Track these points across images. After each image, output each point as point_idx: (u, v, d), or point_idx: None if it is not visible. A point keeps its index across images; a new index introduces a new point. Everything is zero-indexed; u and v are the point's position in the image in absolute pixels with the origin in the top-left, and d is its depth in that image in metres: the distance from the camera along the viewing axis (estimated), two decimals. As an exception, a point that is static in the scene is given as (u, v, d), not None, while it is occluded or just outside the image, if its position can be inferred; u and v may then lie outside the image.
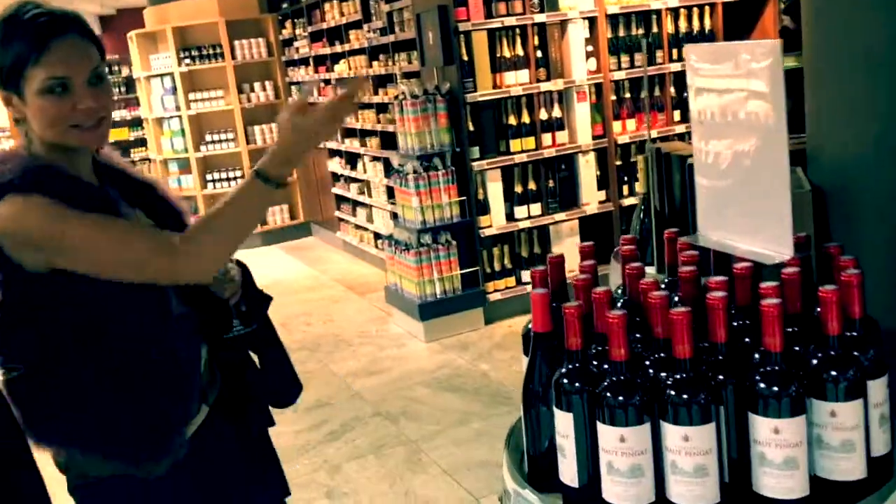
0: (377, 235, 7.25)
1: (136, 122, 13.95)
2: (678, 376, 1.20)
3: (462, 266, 5.31)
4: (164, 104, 8.72)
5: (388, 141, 6.61)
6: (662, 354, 1.26)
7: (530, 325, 1.46)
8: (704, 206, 1.61)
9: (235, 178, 8.73)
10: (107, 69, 1.72)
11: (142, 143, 13.44)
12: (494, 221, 5.39)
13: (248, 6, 8.81)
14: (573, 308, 1.26)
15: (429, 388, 4.58)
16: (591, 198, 5.61)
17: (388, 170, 6.46)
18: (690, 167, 2.25)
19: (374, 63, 6.77)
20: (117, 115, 15.41)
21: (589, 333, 1.31)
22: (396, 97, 5.49)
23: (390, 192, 6.55)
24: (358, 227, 7.75)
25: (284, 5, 8.72)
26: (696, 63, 1.57)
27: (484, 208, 5.37)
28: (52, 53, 1.54)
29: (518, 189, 5.44)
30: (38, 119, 1.58)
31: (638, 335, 1.34)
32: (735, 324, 1.32)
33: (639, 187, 5.53)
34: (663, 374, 1.23)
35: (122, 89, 15.32)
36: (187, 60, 8.51)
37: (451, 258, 5.28)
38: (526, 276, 5.52)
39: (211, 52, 8.53)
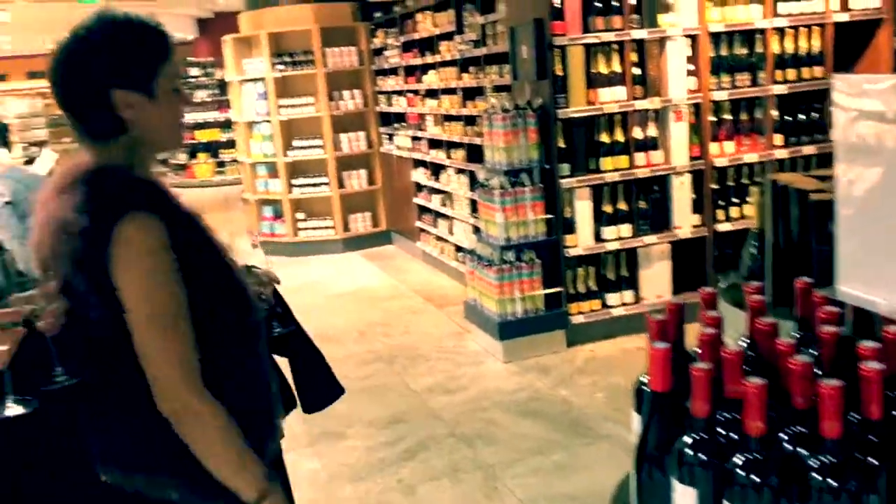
0: (458, 248, 7.18)
1: (227, 124, 14.32)
2: (825, 458, 1.05)
3: (545, 286, 5.16)
4: (255, 108, 8.84)
5: (474, 154, 6.52)
6: (803, 429, 1.11)
7: (644, 381, 1.33)
8: (847, 253, 1.45)
9: (320, 185, 8.80)
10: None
11: (231, 144, 13.79)
12: (581, 241, 5.22)
13: (341, 14, 8.87)
14: (703, 371, 1.12)
15: (506, 411, 4.44)
16: (684, 221, 5.39)
17: (473, 183, 6.37)
18: (813, 204, 2.08)
19: (465, 75, 6.69)
20: (210, 115, 15.89)
21: (716, 396, 1.18)
22: (486, 110, 5.40)
23: (473, 206, 6.47)
24: (439, 238, 7.69)
25: (377, 14, 8.74)
26: (845, 88, 1.41)
27: (570, 227, 5.21)
28: (174, 55, 1.60)
29: (607, 209, 5.27)
30: (164, 119, 1.60)
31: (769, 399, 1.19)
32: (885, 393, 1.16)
33: (753, 219, 5.29)
34: (804, 452, 1.09)
35: (216, 91, 15.78)
36: (280, 66, 8.62)
37: (534, 277, 5.15)
38: (612, 299, 5.33)
39: (303, 58, 8.61)
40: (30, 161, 8.92)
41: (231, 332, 1.60)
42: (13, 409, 1.39)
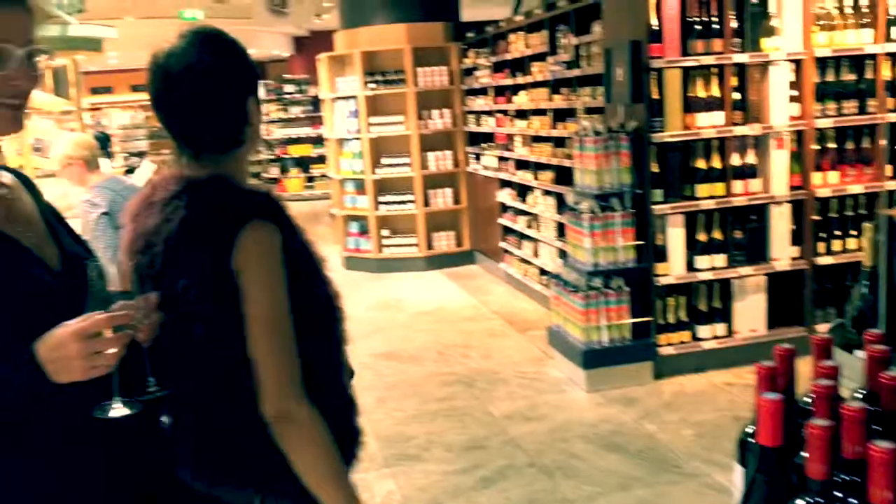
0: (542, 271, 7.07)
1: (319, 140, 14.61)
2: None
3: (633, 315, 5.01)
4: (346, 126, 8.96)
5: (563, 176, 6.43)
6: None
7: (750, 432, 1.22)
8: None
9: (406, 202, 8.84)
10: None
11: (321, 159, 14.06)
12: (672, 270, 5.05)
13: (434, 35, 8.91)
14: (822, 429, 1.02)
15: (589, 443, 4.31)
16: (783, 253, 5.15)
17: (561, 205, 6.26)
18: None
19: (556, 96, 6.61)
20: (302, 131, 16.22)
21: (834, 456, 1.06)
22: (577, 132, 5.30)
23: (560, 229, 6.37)
24: (523, 260, 7.60)
25: (469, 35, 8.76)
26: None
27: (662, 255, 5.05)
28: None
29: (701, 237, 5.08)
30: (260, 125, 1.69)
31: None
32: None
33: (857, 253, 5.05)
34: (938, 528, 0.96)
35: (309, 108, 16.13)
36: (372, 85, 8.71)
37: (621, 305, 5.00)
38: (703, 331, 5.13)
39: (395, 77, 8.69)
40: (130, 171, 9.28)
41: (326, 340, 1.64)
42: (119, 410, 1.41)
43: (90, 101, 18.18)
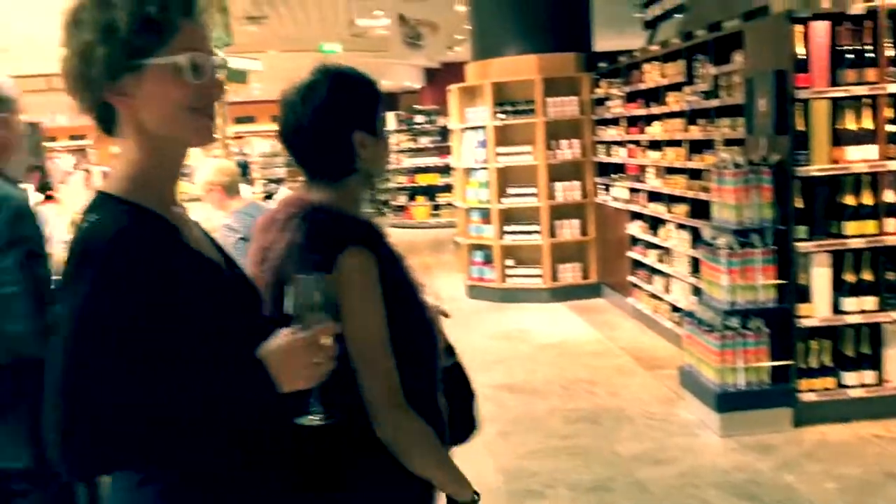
0: (674, 308, 6.82)
1: (446, 170, 14.80)
2: None
3: (772, 357, 4.73)
4: (474, 156, 9.01)
5: (698, 209, 6.20)
6: None
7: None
8: None
9: (532, 233, 8.77)
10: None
11: (447, 188, 14.22)
12: (816, 312, 4.74)
13: (565, 65, 8.86)
14: None
15: (721, 490, 4.08)
16: (942, 298, 4.76)
17: (696, 240, 6.04)
18: None
19: (692, 127, 6.41)
20: (430, 161, 16.47)
21: None
22: (715, 164, 5.10)
23: (694, 264, 6.14)
24: (652, 295, 7.36)
25: (602, 65, 8.66)
26: None
27: (804, 296, 4.76)
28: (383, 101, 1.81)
29: (849, 278, 4.76)
30: (383, 156, 1.79)
31: None
32: None
33: None
34: None
35: (437, 138, 16.42)
36: (501, 115, 8.74)
37: (760, 347, 4.74)
38: (849, 378, 4.79)
39: (524, 107, 8.68)
40: (269, 196, 9.68)
41: (419, 363, 1.70)
42: (320, 419, 1.43)
43: (234, 130, 19.19)
